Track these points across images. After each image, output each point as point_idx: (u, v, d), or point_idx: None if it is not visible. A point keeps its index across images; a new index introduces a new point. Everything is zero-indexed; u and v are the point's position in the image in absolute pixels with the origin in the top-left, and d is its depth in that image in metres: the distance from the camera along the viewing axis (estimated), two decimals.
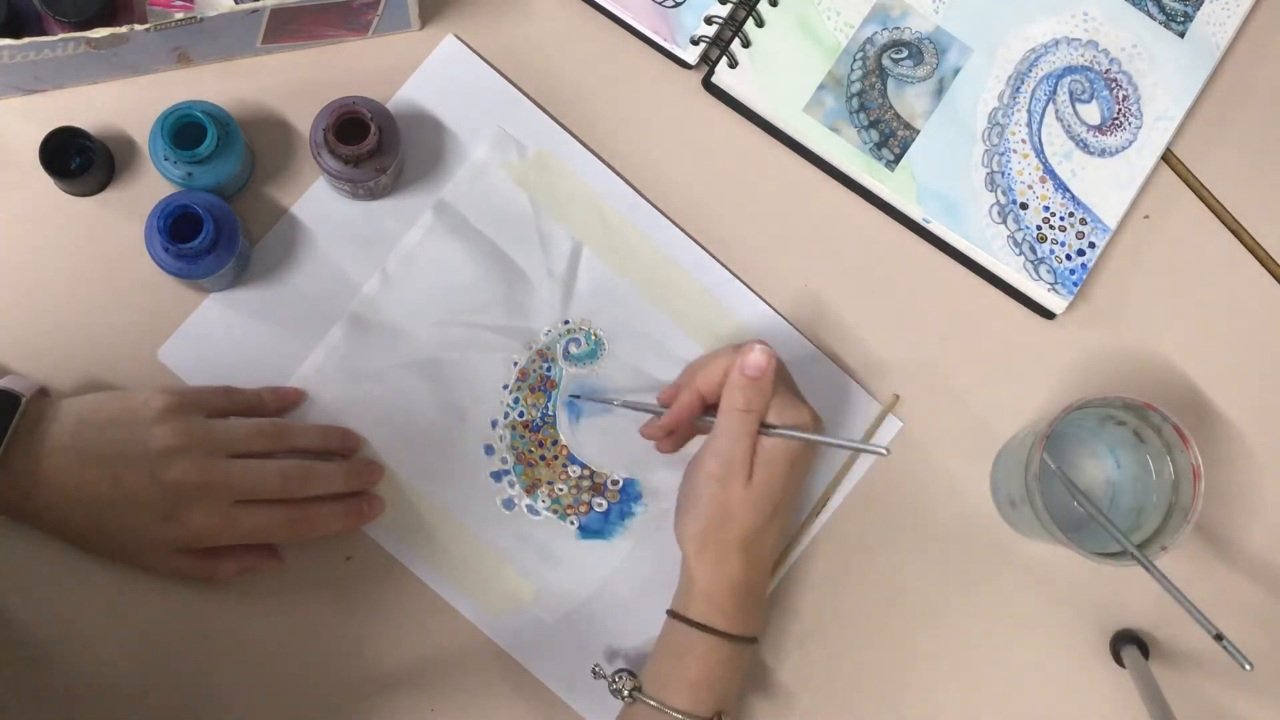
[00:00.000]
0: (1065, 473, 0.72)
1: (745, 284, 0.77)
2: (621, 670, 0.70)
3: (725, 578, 0.69)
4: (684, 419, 0.72)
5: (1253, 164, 0.81)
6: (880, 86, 0.78)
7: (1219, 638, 0.67)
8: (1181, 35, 0.80)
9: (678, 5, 0.77)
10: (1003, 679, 0.77)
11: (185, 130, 0.70)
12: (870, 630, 0.76)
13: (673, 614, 0.70)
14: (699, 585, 0.69)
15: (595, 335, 0.76)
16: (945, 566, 0.77)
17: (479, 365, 0.75)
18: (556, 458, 0.75)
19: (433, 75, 0.76)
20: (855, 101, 0.77)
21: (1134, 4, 0.80)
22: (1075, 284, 0.77)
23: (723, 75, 0.77)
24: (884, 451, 0.66)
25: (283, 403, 0.73)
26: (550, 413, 0.75)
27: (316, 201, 0.75)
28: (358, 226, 0.75)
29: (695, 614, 0.69)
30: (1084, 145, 0.79)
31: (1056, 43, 0.79)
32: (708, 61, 0.78)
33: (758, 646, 0.71)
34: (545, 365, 0.76)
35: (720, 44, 0.78)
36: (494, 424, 0.75)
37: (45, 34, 0.68)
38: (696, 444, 0.74)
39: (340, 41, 0.76)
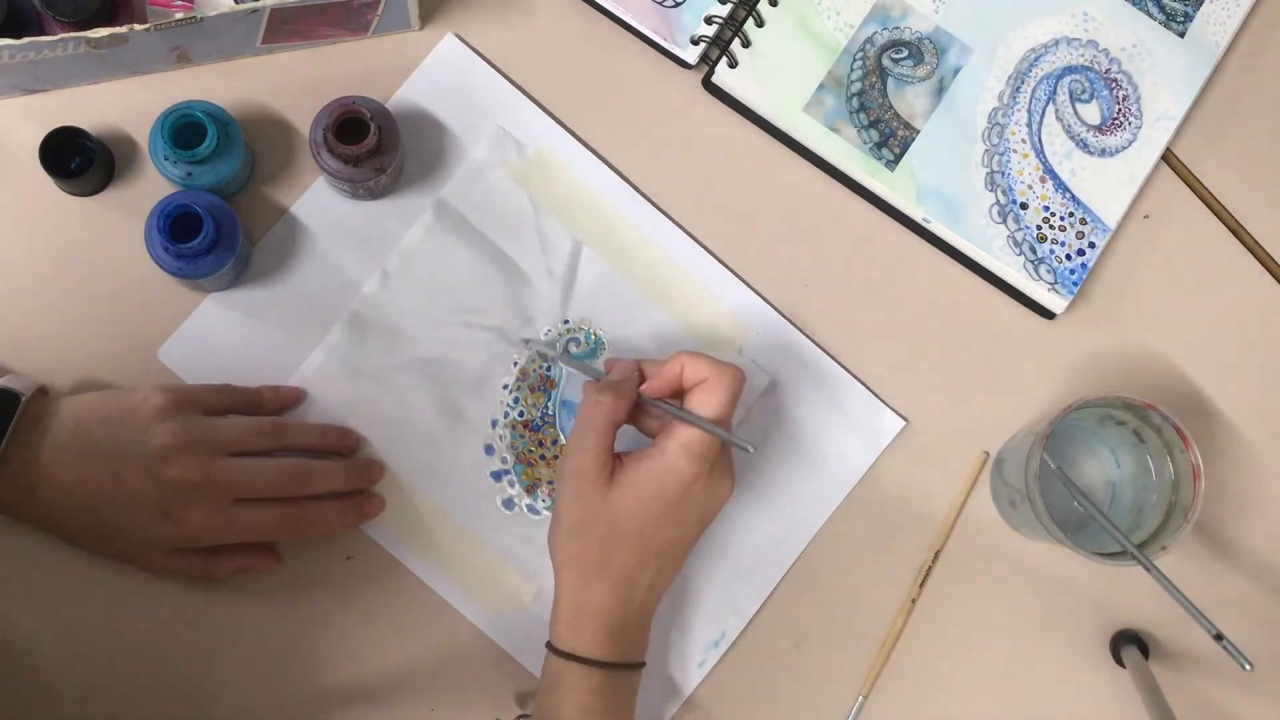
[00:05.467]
0: (1065, 473, 0.72)
1: (745, 283, 0.77)
2: (522, 715, 0.69)
3: (587, 602, 0.65)
4: (623, 377, 0.67)
5: (1253, 164, 0.81)
6: (880, 86, 0.78)
7: (1219, 638, 0.67)
8: (1181, 35, 0.80)
9: (678, 5, 0.77)
10: (1003, 679, 0.77)
11: (185, 130, 0.70)
12: (869, 630, 0.76)
13: (547, 643, 0.66)
14: (562, 607, 0.65)
15: (595, 335, 0.76)
16: (945, 566, 0.77)
17: (479, 365, 0.75)
18: (556, 457, 0.75)
19: (432, 75, 0.76)
20: (855, 101, 0.77)
21: (1134, 4, 0.80)
22: (1075, 284, 0.77)
23: (723, 75, 0.77)
24: (749, 449, 0.62)
25: (283, 401, 0.73)
26: (550, 412, 0.75)
27: (316, 201, 0.75)
28: (358, 226, 0.75)
29: (561, 641, 0.65)
30: (1084, 145, 0.79)
31: (1056, 43, 0.79)
32: (708, 61, 0.78)
33: (639, 671, 0.67)
34: (545, 365, 0.76)
35: (720, 44, 0.78)
36: (494, 423, 0.75)
37: (45, 34, 0.68)
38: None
39: (340, 41, 0.76)
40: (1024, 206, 0.78)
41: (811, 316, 0.78)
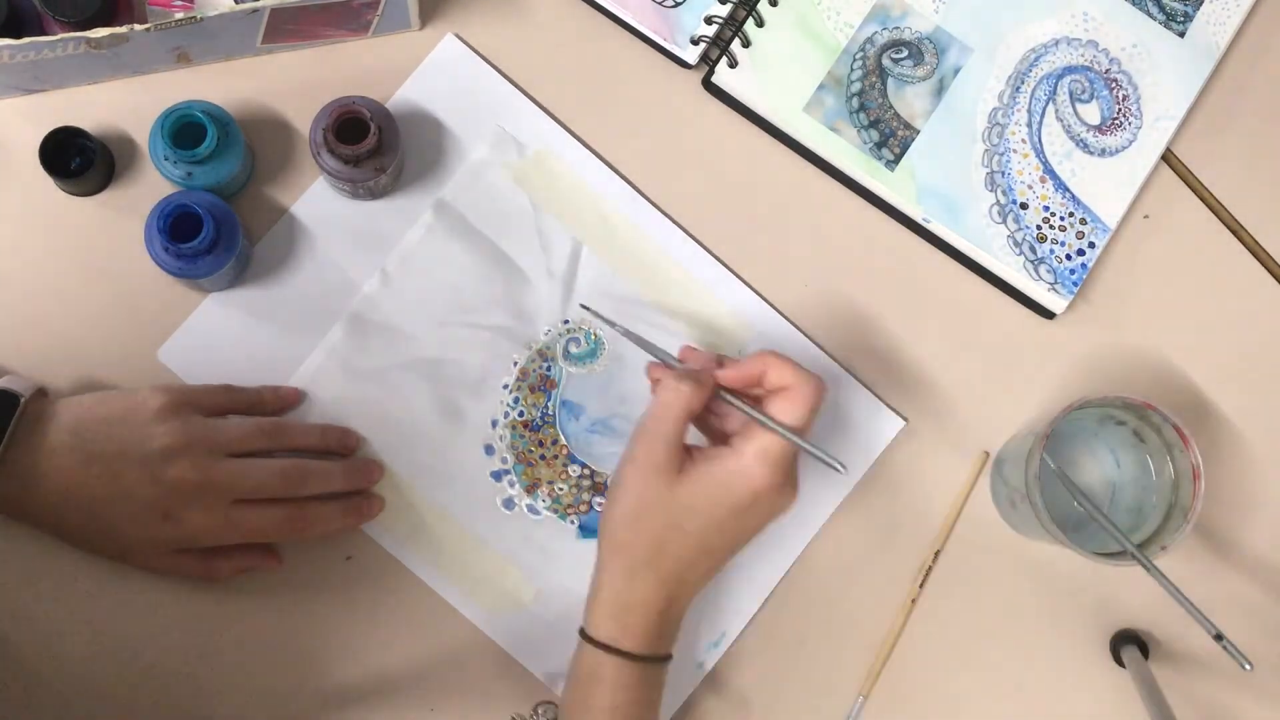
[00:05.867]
0: (1065, 473, 0.72)
1: (745, 283, 0.77)
2: (543, 703, 0.68)
3: (634, 593, 0.63)
4: (703, 368, 0.65)
5: (1253, 164, 0.81)
6: (880, 86, 0.78)
7: (1219, 638, 0.67)
8: (1181, 35, 0.80)
9: (678, 5, 0.77)
10: (1003, 679, 0.77)
11: (185, 130, 0.70)
12: (869, 630, 0.76)
13: (581, 631, 0.65)
14: (604, 596, 0.64)
15: (595, 335, 0.76)
16: (945, 566, 0.77)
17: (479, 365, 0.75)
18: (556, 457, 0.75)
19: (432, 75, 0.76)
20: (855, 101, 0.77)
21: (1134, 4, 0.80)
22: (1075, 284, 0.77)
23: (723, 75, 0.77)
24: (840, 468, 0.63)
25: (283, 402, 0.73)
26: (550, 412, 0.75)
27: (316, 201, 0.75)
28: (358, 226, 0.75)
29: (600, 632, 0.64)
30: (1084, 145, 0.79)
31: (1056, 42, 0.79)
32: (708, 61, 0.78)
33: (667, 665, 0.66)
34: (545, 365, 0.76)
35: (720, 44, 0.78)
36: (494, 423, 0.75)
37: (45, 34, 0.68)
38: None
39: (340, 41, 0.76)
40: (1024, 206, 0.78)
41: (812, 316, 0.78)
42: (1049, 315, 0.78)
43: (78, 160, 0.72)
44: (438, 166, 0.76)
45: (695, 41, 0.77)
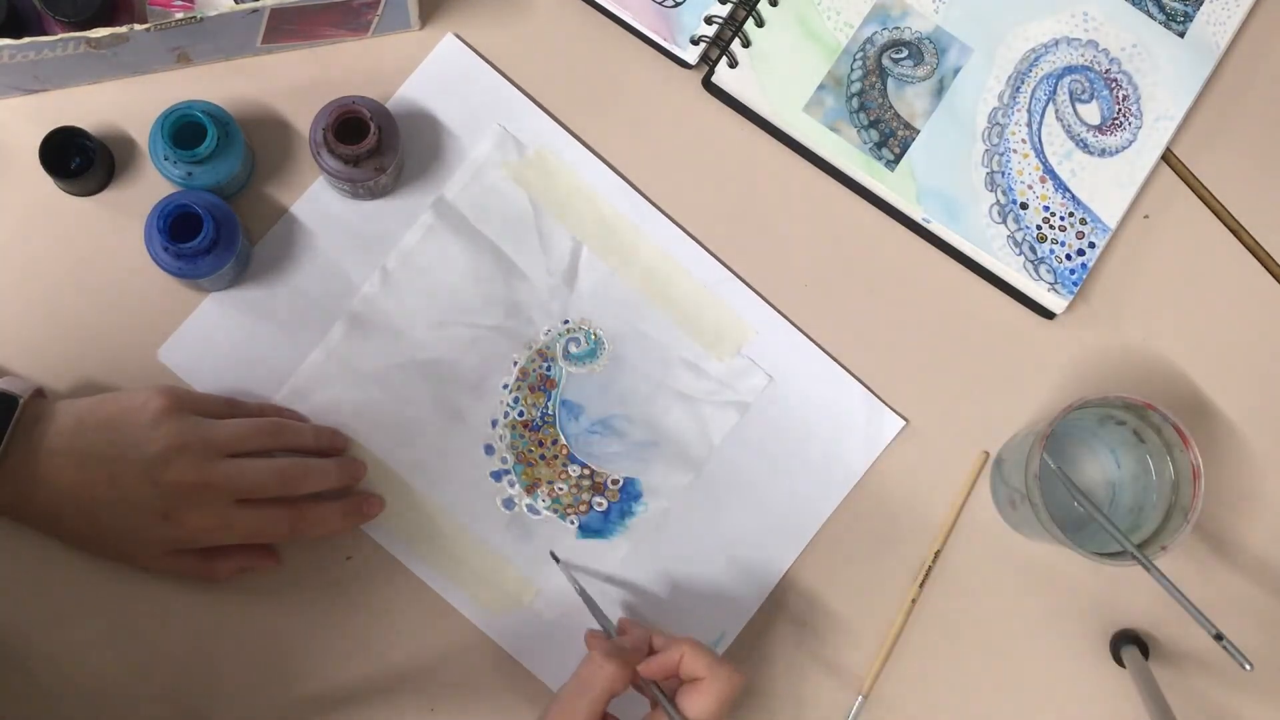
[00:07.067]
0: (1065, 473, 0.72)
1: (745, 283, 0.77)
2: None
3: None
4: (633, 648, 0.66)
5: (1253, 164, 0.81)
6: (880, 86, 0.78)
7: (1219, 638, 0.67)
8: (1181, 35, 0.80)
9: (678, 5, 0.77)
10: (1003, 679, 0.77)
11: (185, 130, 0.70)
12: (869, 630, 0.76)
13: None
14: None
15: (595, 335, 0.76)
16: (945, 566, 0.77)
17: (479, 365, 0.75)
18: (556, 457, 0.75)
19: (432, 75, 0.76)
20: (855, 101, 0.77)
21: (1134, 4, 0.80)
22: (1075, 284, 0.77)
23: (723, 75, 0.77)
24: None
25: (282, 418, 0.73)
26: (550, 412, 0.75)
27: (316, 201, 0.75)
28: (358, 226, 0.75)
29: None
30: (1084, 145, 0.79)
31: (1056, 42, 0.79)
32: (708, 61, 0.78)
33: None
34: (545, 365, 0.76)
35: (720, 44, 0.78)
36: (494, 423, 0.75)
37: (45, 34, 0.68)
38: None
39: (340, 41, 0.76)
40: (1024, 206, 0.78)
41: (811, 316, 0.78)
42: (1049, 315, 0.78)
43: (78, 160, 0.72)
44: (438, 166, 0.76)
45: (695, 41, 0.77)
